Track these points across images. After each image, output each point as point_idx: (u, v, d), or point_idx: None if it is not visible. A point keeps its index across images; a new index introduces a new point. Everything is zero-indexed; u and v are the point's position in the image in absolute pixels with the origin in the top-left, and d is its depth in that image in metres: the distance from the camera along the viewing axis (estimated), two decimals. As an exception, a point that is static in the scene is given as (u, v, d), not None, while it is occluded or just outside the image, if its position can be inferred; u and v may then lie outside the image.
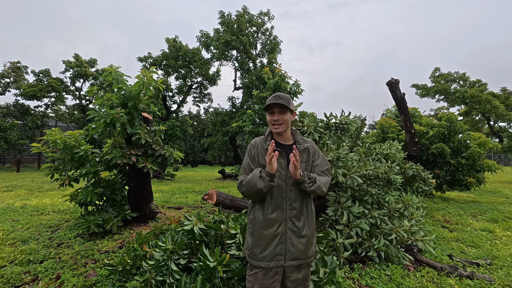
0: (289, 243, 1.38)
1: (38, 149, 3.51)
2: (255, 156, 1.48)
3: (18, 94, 16.32)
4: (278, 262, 1.37)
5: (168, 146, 3.96)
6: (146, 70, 3.75)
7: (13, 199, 5.80)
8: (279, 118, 1.44)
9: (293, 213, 1.41)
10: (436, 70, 18.92)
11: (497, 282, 2.36)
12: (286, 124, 1.46)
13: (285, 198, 1.41)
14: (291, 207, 1.41)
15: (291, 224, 1.40)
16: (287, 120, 1.46)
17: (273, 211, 1.40)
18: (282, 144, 1.50)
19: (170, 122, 11.94)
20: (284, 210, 1.40)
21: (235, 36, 12.85)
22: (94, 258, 2.78)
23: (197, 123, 26.80)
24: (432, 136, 6.99)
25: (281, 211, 1.40)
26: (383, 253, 2.69)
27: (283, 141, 1.52)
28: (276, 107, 1.44)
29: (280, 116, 1.45)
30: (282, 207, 1.40)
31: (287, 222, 1.39)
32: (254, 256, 1.40)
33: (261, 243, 1.39)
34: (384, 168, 3.12)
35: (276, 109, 1.44)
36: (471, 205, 6.02)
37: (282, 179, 1.40)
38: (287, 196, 1.41)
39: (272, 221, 1.39)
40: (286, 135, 1.53)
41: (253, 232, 1.44)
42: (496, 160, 27.46)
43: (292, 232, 1.39)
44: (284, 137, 1.52)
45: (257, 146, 1.49)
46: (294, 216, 1.41)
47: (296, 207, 1.41)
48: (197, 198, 6.55)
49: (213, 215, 2.62)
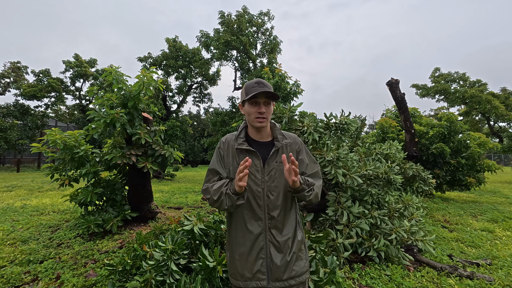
0: (270, 259, 1.16)
1: (38, 149, 3.51)
2: (224, 157, 1.26)
3: (18, 94, 16.34)
4: (260, 282, 1.15)
5: (168, 146, 3.96)
6: (146, 70, 3.75)
7: (13, 199, 5.80)
8: (265, 110, 1.20)
9: (272, 223, 1.19)
10: (436, 70, 18.93)
11: (497, 282, 2.36)
12: (269, 118, 1.25)
13: (263, 205, 1.19)
14: (270, 216, 1.19)
15: (270, 236, 1.18)
16: (271, 112, 1.24)
17: (249, 221, 1.19)
18: (257, 141, 1.27)
19: (170, 122, 11.95)
20: (262, 220, 1.18)
21: (235, 36, 12.85)
22: (94, 258, 2.78)
23: (197, 123, 26.80)
24: (432, 136, 6.99)
25: (259, 221, 1.18)
26: (383, 253, 2.69)
27: (260, 138, 1.28)
28: (263, 96, 1.19)
29: (266, 108, 1.20)
30: (259, 216, 1.19)
31: (266, 233, 1.18)
32: (233, 274, 1.22)
33: (237, 258, 1.20)
34: (384, 168, 3.11)
35: (263, 99, 1.20)
36: (471, 205, 6.02)
37: (257, 183, 1.19)
38: (264, 203, 1.19)
39: (248, 232, 1.18)
40: (266, 130, 1.28)
41: (230, 245, 1.25)
42: (496, 160, 27.46)
43: (273, 245, 1.17)
44: (263, 134, 1.27)
45: (227, 145, 1.26)
46: (274, 226, 1.19)
47: (276, 216, 1.19)
48: (197, 198, 6.55)
49: (213, 215, 2.62)
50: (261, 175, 1.20)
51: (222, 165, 1.25)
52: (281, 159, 1.15)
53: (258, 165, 1.21)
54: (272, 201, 1.20)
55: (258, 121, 1.20)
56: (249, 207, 1.20)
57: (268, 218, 1.19)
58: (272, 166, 1.21)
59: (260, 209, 1.19)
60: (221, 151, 1.27)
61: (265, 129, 1.27)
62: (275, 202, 1.20)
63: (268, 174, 1.20)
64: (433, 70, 19.01)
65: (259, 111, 1.19)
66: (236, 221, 1.23)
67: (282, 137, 1.28)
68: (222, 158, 1.26)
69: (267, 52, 14.28)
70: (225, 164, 1.24)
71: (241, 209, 1.20)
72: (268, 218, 1.19)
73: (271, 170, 1.21)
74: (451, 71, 18.28)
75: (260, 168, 1.21)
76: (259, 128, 1.24)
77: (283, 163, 1.12)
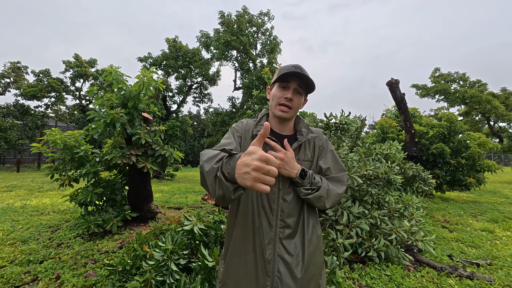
0: (278, 278, 0.90)
1: (38, 149, 3.51)
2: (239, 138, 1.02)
3: (18, 94, 16.35)
4: None
5: (168, 146, 3.96)
6: (146, 70, 3.75)
7: (13, 199, 5.80)
8: (293, 98, 0.99)
9: (285, 232, 0.94)
10: (436, 70, 18.94)
11: (497, 282, 2.36)
12: (296, 110, 1.03)
13: (276, 209, 0.96)
14: (283, 223, 0.95)
15: (281, 249, 0.93)
16: (299, 105, 1.03)
17: (256, 227, 0.94)
18: (278, 134, 1.06)
19: (170, 122, 11.95)
20: (272, 227, 0.94)
21: (235, 36, 12.86)
22: (94, 258, 2.78)
23: (197, 123, 26.81)
24: (432, 136, 7.00)
25: (268, 228, 0.94)
26: (383, 253, 2.69)
27: (281, 130, 1.07)
28: (295, 81, 0.98)
29: (295, 97, 0.99)
30: (269, 221, 0.95)
31: (276, 245, 0.92)
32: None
33: (236, 272, 0.93)
34: (384, 168, 3.12)
35: (295, 84, 0.98)
36: (471, 205, 6.02)
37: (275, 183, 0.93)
38: (278, 207, 0.96)
39: (253, 242, 0.93)
40: (288, 124, 1.08)
41: (226, 255, 0.98)
42: (496, 160, 27.47)
43: (283, 261, 0.91)
44: (284, 126, 1.07)
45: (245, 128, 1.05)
46: (286, 236, 0.94)
47: (291, 224, 0.96)
48: (197, 198, 6.55)
49: (213, 215, 2.62)
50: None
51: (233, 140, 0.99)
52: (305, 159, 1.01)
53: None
54: (289, 205, 0.97)
55: (280, 109, 0.99)
56: (258, 210, 0.96)
57: (281, 225, 0.95)
58: None
59: (272, 213, 0.95)
60: (238, 131, 1.04)
61: (288, 122, 1.07)
62: (292, 206, 0.97)
63: None
64: (433, 70, 19.04)
65: (286, 96, 0.98)
66: (239, 226, 0.98)
67: (307, 130, 1.08)
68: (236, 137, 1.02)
69: (267, 52, 14.29)
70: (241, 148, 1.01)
71: (247, 211, 0.96)
72: (280, 226, 0.95)
73: None
74: (451, 71, 18.32)
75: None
76: (280, 118, 1.02)
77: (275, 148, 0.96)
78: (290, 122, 1.08)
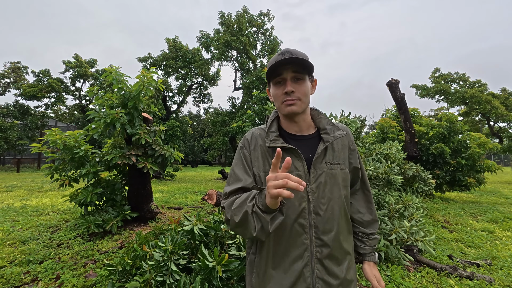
0: None
1: (38, 149, 3.51)
2: (251, 160, 0.89)
3: (18, 94, 16.39)
4: None
5: (168, 146, 3.96)
6: (146, 70, 3.75)
7: (13, 199, 5.80)
8: (294, 89, 0.83)
9: (323, 251, 0.82)
10: (436, 71, 18.95)
11: (497, 282, 2.36)
12: (305, 99, 0.86)
13: (308, 226, 0.82)
14: (320, 241, 0.82)
15: (321, 269, 0.81)
16: (306, 92, 0.85)
17: (286, 250, 0.82)
18: (295, 135, 0.91)
19: (170, 123, 11.97)
20: (307, 246, 0.81)
21: (235, 36, 12.86)
22: (94, 258, 2.78)
23: (197, 123, 26.83)
24: (432, 136, 7.00)
25: (303, 247, 0.81)
26: (383, 253, 2.69)
27: (298, 130, 0.91)
28: (289, 69, 0.83)
29: (296, 86, 0.84)
30: (302, 242, 0.81)
31: (313, 266, 0.81)
32: None
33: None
34: (384, 169, 3.12)
35: (289, 73, 0.83)
36: (471, 206, 6.02)
37: (300, 195, 0.82)
38: (311, 222, 0.82)
39: (285, 267, 0.81)
40: (304, 119, 0.91)
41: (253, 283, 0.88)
42: (496, 160, 27.47)
43: (325, 283, 0.81)
44: (301, 124, 0.90)
45: (254, 143, 0.90)
46: (326, 256, 0.82)
47: (329, 241, 0.82)
48: (197, 198, 6.55)
49: (213, 215, 2.62)
50: (306, 179, 0.84)
51: (246, 170, 0.87)
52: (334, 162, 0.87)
53: (301, 169, 0.84)
54: (323, 219, 0.83)
55: (286, 106, 0.84)
56: (287, 230, 0.82)
57: (317, 244, 0.82)
58: (321, 170, 0.86)
59: (305, 232, 0.82)
60: (245, 151, 0.90)
61: (303, 118, 0.90)
62: (327, 221, 0.83)
63: (316, 181, 0.84)
64: (433, 70, 19.05)
65: (286, 91, 0.83)
66: (264, 249, 0.84)
67: (332, 127, 0.91)
68: (247, 161, 0.89)
69: (267, 52, 14.29)
70: (253, 168, 0.88)
71: (273, 232, 0.79)
72: (316, 245, 0.82)
73: (319, 176, 0.85)
74: (451, 72, 18.32)
75: (304, 173, 0.84)
76: (290, 115, 0.87)
77: (370, 281, 0.89)
78: (306, 117, 0.91)
